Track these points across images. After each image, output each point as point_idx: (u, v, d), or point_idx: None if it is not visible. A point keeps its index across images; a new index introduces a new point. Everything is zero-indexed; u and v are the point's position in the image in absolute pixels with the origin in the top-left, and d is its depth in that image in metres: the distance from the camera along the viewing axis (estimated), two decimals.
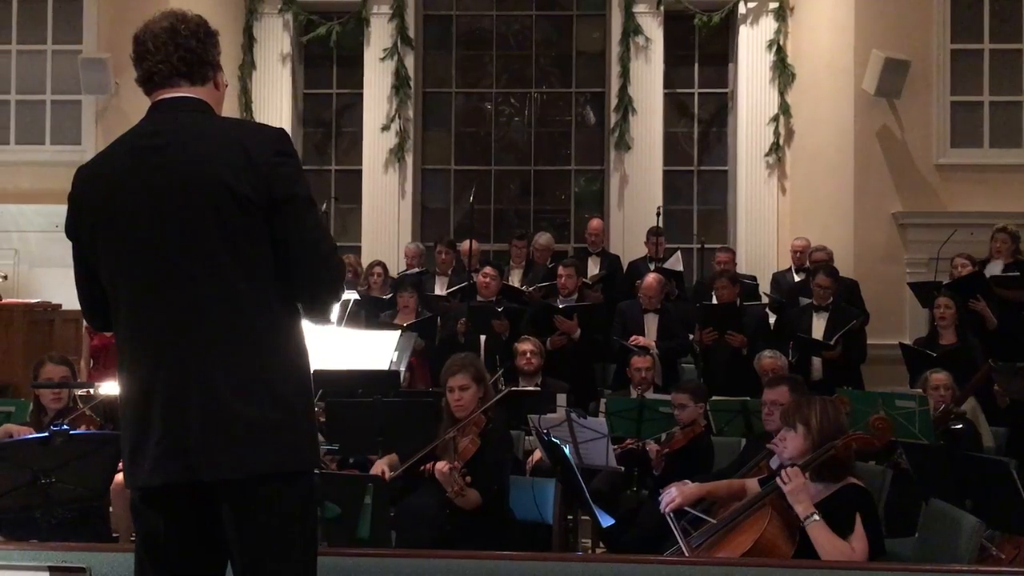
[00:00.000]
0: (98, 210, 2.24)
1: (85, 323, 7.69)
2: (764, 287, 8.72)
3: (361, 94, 10.24)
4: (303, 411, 2.23)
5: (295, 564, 2.21)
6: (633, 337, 6.92)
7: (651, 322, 7.17)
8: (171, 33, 2.26)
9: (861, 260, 8.64)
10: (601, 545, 4.95)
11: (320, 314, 2.33)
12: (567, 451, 4.22)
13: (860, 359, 7.08)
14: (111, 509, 4.80)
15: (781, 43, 9.83)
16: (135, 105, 8.86)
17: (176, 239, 2.16)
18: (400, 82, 10.05)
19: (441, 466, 4.21)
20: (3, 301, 7.85)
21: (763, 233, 9.87)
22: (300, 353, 2.27)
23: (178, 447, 2.13)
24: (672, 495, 3.69)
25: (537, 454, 5.11)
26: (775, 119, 9.83)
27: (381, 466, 4.41)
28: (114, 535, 4.87)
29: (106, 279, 2.27)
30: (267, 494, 2.15)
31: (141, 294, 2.21)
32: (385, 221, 10.06)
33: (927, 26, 8.87)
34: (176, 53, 2.26)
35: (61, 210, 8.62)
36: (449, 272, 8.14)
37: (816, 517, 3.27)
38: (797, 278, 8.41)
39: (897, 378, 6.94)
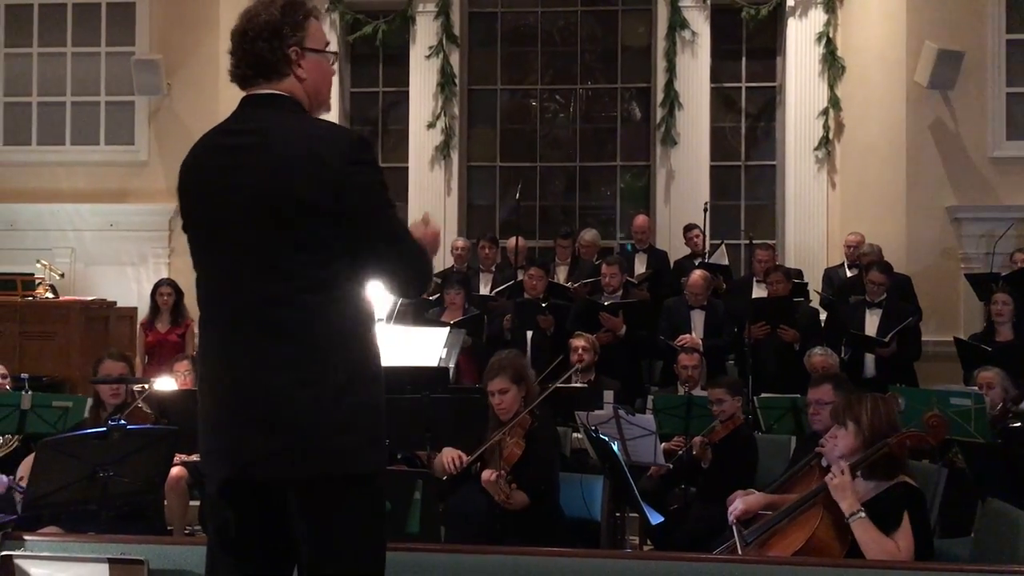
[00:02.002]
0: (187, 199, 2.33)
1: (141, 319, 7.90)
2: (815, 283, 8.61)
3: (407, 92, 10.30)
4: (370, 413, 2.24)
5: (360, 563, 2.23)
6: (680, 337, 6.87)
7: (698, 319, 7.12)
8: (241, 37, 2.30)
9: (914, 255, 8.49)
10: (649, 543, 4.93)
11: (403, 285, 2.38)
12: (615, 448, 4.20)
13: (915, 356, 6.97)
14: (165, 503, 4.90)
15: (831, 35, 9.69)
16: (186, 106, 9.11)
17: (245, 241, 2.20)
18: (445, 79, 10.09)
19: (487, 475, 4.19)
20: (60, 299, 8.05)
21: (812, 228, 9.74)
22: (370, 356, 2.28)
23: (244, 445, 2.17)
24: (737, 505, 3.68)
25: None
26: (824, 113, 9.69)
27: (452, 455, 4.36)
28: (168, 528, 4.97)
29: (195, 267, 2.35)
30: (334, 494, 2.18)
31: (214, 294, 2.28)
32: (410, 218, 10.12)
33: (981, 16, 8.68)
34: (245, 59, 2.30)
35: (115, 209, 8.79)
36: (493, 268, 8.16)
37: (861, 514, 3.23)
38: (850, 274, 8.29)
39: (951, 375, 6.81)
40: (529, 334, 7.14)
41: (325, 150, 2.19)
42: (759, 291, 7.60)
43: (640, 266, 8.54)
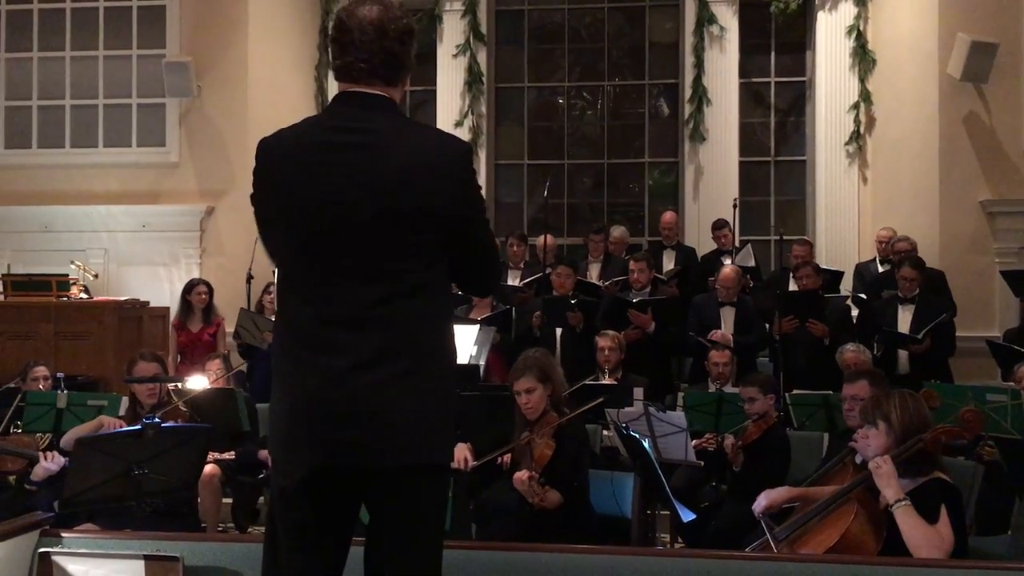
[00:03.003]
0: (285, 192, 2.26)
1: (173, 319, 7.99)
2: (846, 279, 8.53)
3: (434, 91, 10.33)
4: (452, 409, 2.35)
5: (436, 549, 2.33)
6: (712, 332, 6.83)
7: (727, 315, 7.08)
8: (379, 32, 2.24)
9: (947, 250, 8.37)
10: (680, 540, 4.91)
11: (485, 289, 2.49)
12: (646, 445, 4.19)
13: (948, 352, 6.88)
14: (199, 500, 4.95)
15: (861, 28, 9.60)
16: (216, 107, 9.18)
17: (359, 239, 2.21)
18: (473, 78, 10.11)
19: (520, 476, 4.18)
20: (94, 299, 8.15)
21: (844, 224, 9.66)
22: (453, 356, 2.38)
23: (344, 435, 2.21)
24: (761, 500, 3.66)
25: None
26: (855, 107, 9.61)
27: (464, 453, 4.37)
28: (202, 525, 5.01)
29: (278, 260, 2.33)
30: (419, 483, 2.26)
31: (315, 286, 2.24)
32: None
33: (1015, 7, 8.53)
34: (379, 55, 2.25)
35: (147, 210, 8.88)
36: (522, 265, 8.16)
37: (905, 502, 3.19)
38: (882, 269, 8.20)
39: (987, 371, 6.73)
40: (558, 331, 7.12)
41: (443, 158, 2.24)
42: (793, 287, 7.54)
43: (668, 262, 8.50)
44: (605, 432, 5.38)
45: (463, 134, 10.07)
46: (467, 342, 4.28)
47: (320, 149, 2.24)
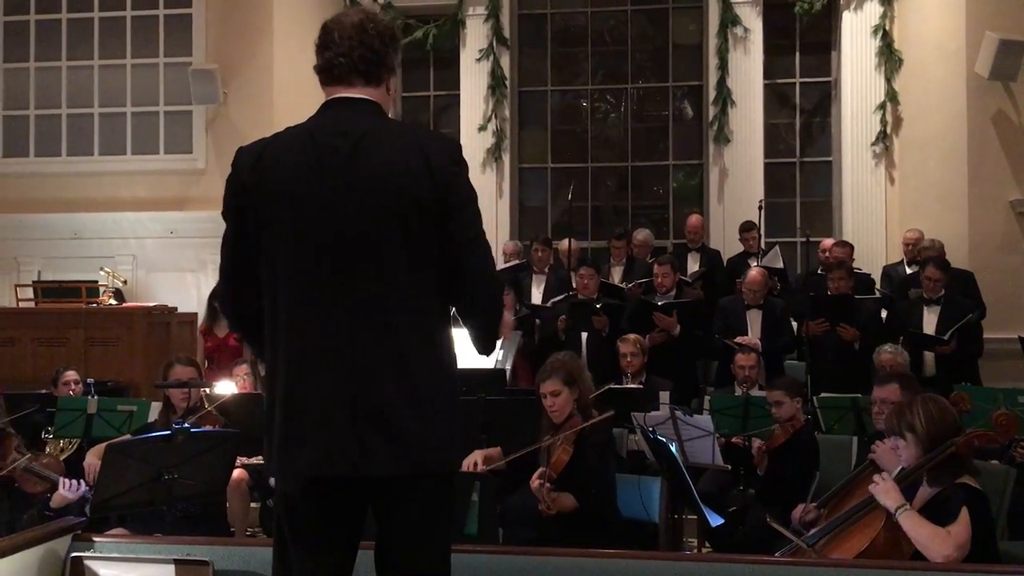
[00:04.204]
0: (271, 200, 2.24)
1: (200, 325, 8.05)
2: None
3: (458, 95, 10.36)
4: (456, 415, 2.31)
5: (442, 556, 2.31)
6: (739, 336, 6.78)
7: (754, 318, 7.03)
8: (359, 29, 2.28)
9: (977, 250, 8.28)
10: (708, 544, 4.89)
11: (482, 315, 2.33)
12: (673, 449, 4.17)
13: (976, 353, 6.80)
14: (227, 504, 4.98)
15: (887, 28, 9.53)
16: (242, 113, 9.25)
17: (357, 241, 2.21)
18: (496, 82, 10.13)
19: (532, 480, 4.16)
20: (124, 305, 8.24)
21: (871, 225, 9.58)
22: (454, 359, 2.34)
23: (344, 442, 2.19)
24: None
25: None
26: (882, 107, 9.54)
27: (475, 458, 4.34)
28: (230, 530, 5.05)
29: (267, 269, 2.28)
30: (423, 491, 2.24)
31: (311, 291, 2.23)
32: (483, 221, 10.10)
33: None
34: (358, 50, 2.27)
35: (175, 217, 8.94)
36: (546, 269, 8.15)
37: (906, 508, 3.17)
38: (909, 271, 8.12)
39: (1018, 373, 6.63)
40: (584, 335, 7.11)
41: (431, 150, 2.24)
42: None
43: (692, 265, 8.47)
44: (631, 436, 5.36)
45: (487, 138, 10.10)
46: None
47: (308, 155, 2.23)
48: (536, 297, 7.84)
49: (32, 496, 4.21)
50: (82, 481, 4.55)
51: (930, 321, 6.79)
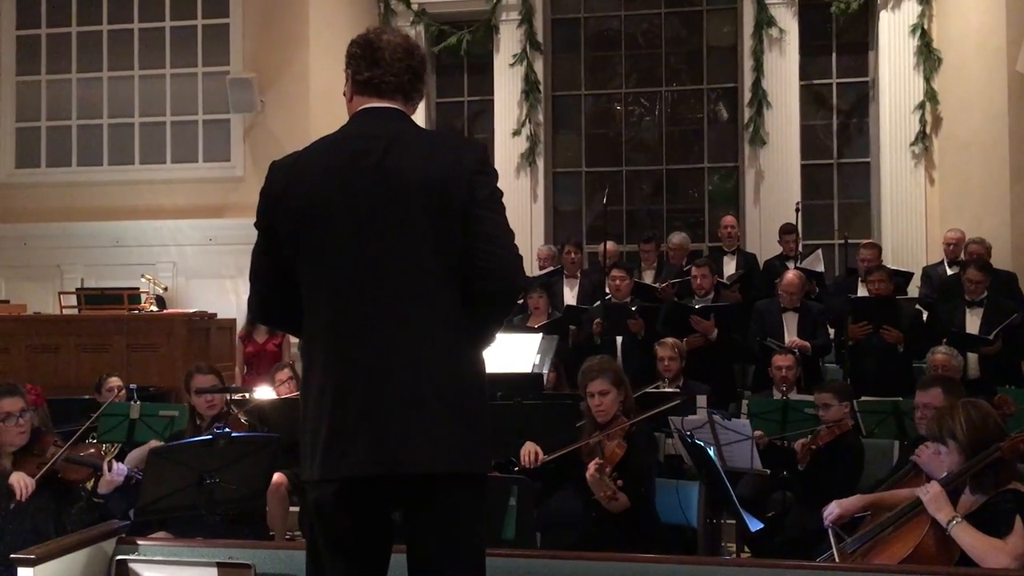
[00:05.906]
0: (306, 207, 2.28)
1: (239, 331, 8.14)
2: (913, 282, 8.34)
3: (491, 100, 10.39)
4: (487, 415, 2.33)
5: (476, 559, 2.32)
6: (789, 339, 6.71)
7: (790, 321, 6.96)
8: (407, 53, 2.42)
9: (1020, 251, 8.14)
10: (747, 549, 4.85)
11: (498, 305, 2.35)
12: (712, 454, 4.14)
13: (1021, 355, 6.67)
14: (268, 508, 5.02)
15: (925, 27, 9.42)
16: (279, 121, 9.35)
17: (390, 241, 2.25)
18: (529, 87, 10.15)
19: (592, 467, 4.15)
20: (164, 311, 8.35)
21: (910, 226, 9.46)
22: (483, 360, 2.37)
23: (380, 442, 2.21)
24: (833, 509, 3.60)
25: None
26: (920, 107, 9.43)
27: (533, 448, 4.36)
28: (270, 533, 5.09)
29: (305, 275, 2.32)
30: (455, 492, 2.26)
31: (347, 293, 2.26)
32: (517, 225, 9.78)
33: None
34: (407, 74, 2.40)
35: (214, 224, 9.02)
36: (578, 273, 8.13)
37: (957, 519, 3.12)
38: (950, 272, 8.00)
39: None
40: (619, 339, 7.08)
41: (461, 151, 2.34)
42: (863, 291, 7.38)
43: (729, 268, 8.41)
44: (669, 440, 5.34)
45: (520, 143, 10.11)
46: (530, 351, 4.28)
47: (341, 159, 2.30)
48: (569, 300, 7.83)
49: (76, 483, 4.27)
50: (123, 464, 4.59)
51: (973, 323, 6.69)
